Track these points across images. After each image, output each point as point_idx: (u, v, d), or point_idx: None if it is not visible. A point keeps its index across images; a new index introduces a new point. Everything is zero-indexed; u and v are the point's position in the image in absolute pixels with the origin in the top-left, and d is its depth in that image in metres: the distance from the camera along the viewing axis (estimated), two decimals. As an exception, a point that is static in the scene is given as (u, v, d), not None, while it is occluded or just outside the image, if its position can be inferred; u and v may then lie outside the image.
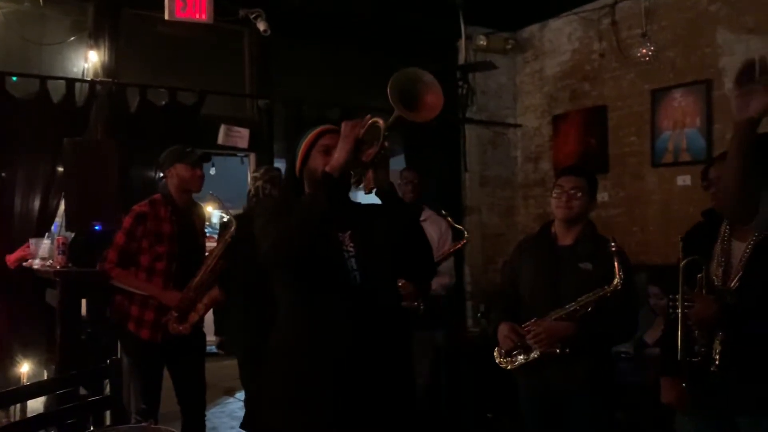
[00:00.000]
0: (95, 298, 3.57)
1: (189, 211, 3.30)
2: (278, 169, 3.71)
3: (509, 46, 5.60)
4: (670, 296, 2.16)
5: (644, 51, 4.48)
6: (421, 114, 1.91)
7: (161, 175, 3.33)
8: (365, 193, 2.02)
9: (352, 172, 1.95)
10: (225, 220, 3.36)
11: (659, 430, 2.48)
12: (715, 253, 2.16)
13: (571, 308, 2.54)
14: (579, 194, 2.67)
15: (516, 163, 5.85)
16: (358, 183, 2.00)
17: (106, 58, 4.18)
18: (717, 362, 2.08)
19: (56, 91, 3.97)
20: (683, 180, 4.56)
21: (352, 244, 1.99)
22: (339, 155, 1.90)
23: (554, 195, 2.72)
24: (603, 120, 5.10)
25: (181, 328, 3.15)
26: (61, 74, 4.09)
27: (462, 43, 5.45)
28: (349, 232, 2.00)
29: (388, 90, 1.87)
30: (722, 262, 2.14)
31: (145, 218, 3.15)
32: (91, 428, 2.52)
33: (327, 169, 1.91)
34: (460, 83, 5.45)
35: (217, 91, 4.49)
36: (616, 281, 2.47)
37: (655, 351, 3.89)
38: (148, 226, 3.14)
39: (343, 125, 1.97)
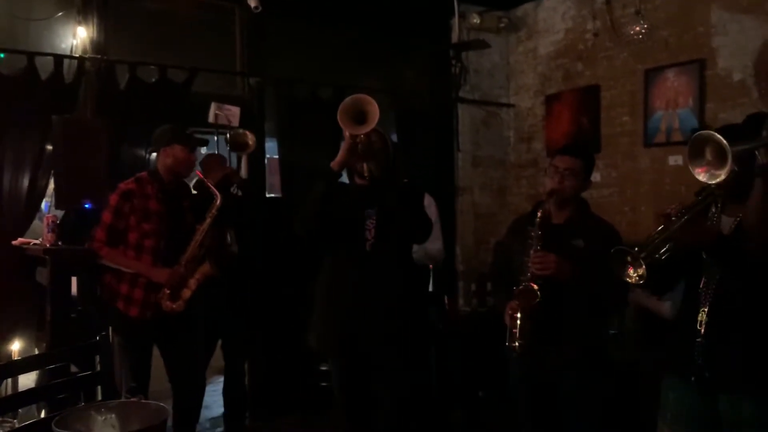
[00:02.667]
0: (85, 276, 3.55)
1: (176, 189, 3.28)
2: None
3: (503, 25, 5.56)
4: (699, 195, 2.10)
5: (637, 29, 4.45)
6: (369, 125, 2.58)
7: (152, 151, 3.31)
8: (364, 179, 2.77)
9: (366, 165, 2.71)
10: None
11: (649, 409, 2.50)
12: None
13: None
14: (572, 175, 2.67)
15: (509, 143, 5.84)
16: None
17: (95, 34, 4.11)
18: (702, 333, 2.09)
19: (44, 67, 3.91)
20: (675, 160, 4.56)
21: (375, 218, 2.77)
22: (339, 155, 2.70)
23: (548, 174, 2.72)
24: (596, 100, 5.08)
25: (174, 306, 3.15)
26: (49, 50, 4.02)
27: (455, 21, 5.41)
28: (375, 208, 2.78)
29: (339, 119, 2.58)
30: None
31: (132, 195, 3.14)
32: (82, 404, 2.52)
33: (332, 165, 2.70)
34: (453, 62, 5.41)
35: (208, 68, 4.44)
36: None
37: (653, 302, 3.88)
38: (134, 203, 3.13)
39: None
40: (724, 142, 1.71)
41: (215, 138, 4.18)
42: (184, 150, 3.21)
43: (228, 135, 4.08)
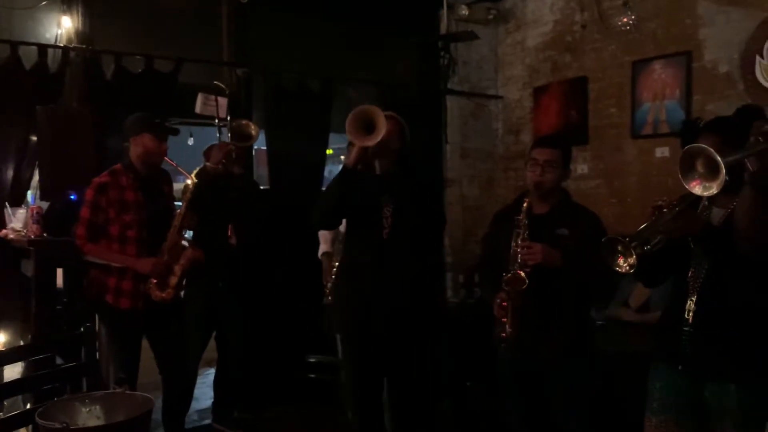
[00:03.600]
0: (71, 267, 3.53)
1: (154, 178, 3.26)
2: None
3: (491, 17, 5.55)
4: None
5: (625, 20, 4.46)
6: (377, 136, 2.67)
7: (123, 142, 3.30)
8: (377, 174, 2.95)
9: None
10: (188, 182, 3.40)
11: (635, 398, 2.52)
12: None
13: None
14: (552, 167, 2.68)
15: (497, 135, 5.84)
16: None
17: (80, 23, 4.07)
18: (690, 322, 2.11)
19: (28, 57, 3.86)
20: (662, 152, 4.58)
21: (391, 208, 2.88)
22: (352, 156, 2.79)
23: (528, 167, 2.73)
24: (584, 92, 5.09)
25: (163, 294, 3.14)
26: (33, 40, 3.97)
27: (444, 12, 5.40)
28: (391, 200, 2.88)
29: (347, 128, 2.69)
30: None
31: (106, 188, 3.12)
32: (66, 395, 2.51)
33: (346, 162, 2.83)
34: (442, 53, 5.41)
35: (195, 58, 4.41)
36: None
37: (638, 316, 3.97)
38: (110, 195, 3.11)
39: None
40: (716, 156, 1.73)
41: (217, 133, 4.18)
42: (154, 139, 3.19)
43: (230, 126, 4.06)
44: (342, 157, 3.05)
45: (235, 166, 3.87)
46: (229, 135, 4.04)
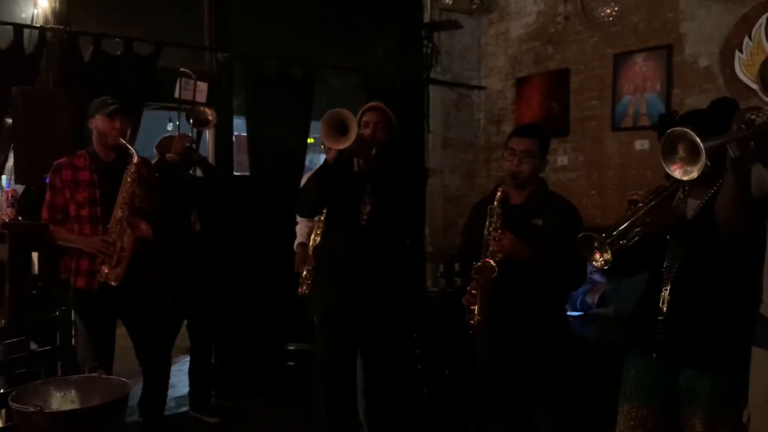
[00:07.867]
0: (47, 252, 3.49)
1: (116, 163, 3.24)
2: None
3: (474, 6, 5.52)
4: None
5: (608, 11, 4.48)
6: (348, 140, 2.71)
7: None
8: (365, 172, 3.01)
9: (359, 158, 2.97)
10: None
11: (609, 386, 2.54)
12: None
13: None
14: (529, 157, 2.69)
15: (479, 125, 5.85)
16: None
17: (57, 3, 3.99)
18: (664, 312, 2.14)
19: (3, 37, 3.78)
20: (641, 144, 4.62)
21: (371, 196, 2.95)
22: (330, 154, 2.82)
23: (506, 157, 2.73)
24: (565, 83, 5.11)
25: (108, 272, 3.11)
26: (8, 20, 3.89)
27: (427, 1, 5.38)
28: (371, 192, 2.95)
29: (321, 132, 2.74)
30: None
31: (60, 168, 3.18)
32: (41, 380, 2.48)
33: (327, 158, 2.83)
34: (425, 42, 5.39)
35: (175, 42, 4.34)
36: None
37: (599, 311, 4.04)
38: (63, 175, 3.17)
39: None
40: (698, 139, 1.73)
41: (177, 115, 4.13)
42: (104, 119, 3.23)
43: (187, 112, 4.06)
44: (322, 146, 3.06)
45: (194, 153, 3.91)
46: (186, 116, 4.05)
